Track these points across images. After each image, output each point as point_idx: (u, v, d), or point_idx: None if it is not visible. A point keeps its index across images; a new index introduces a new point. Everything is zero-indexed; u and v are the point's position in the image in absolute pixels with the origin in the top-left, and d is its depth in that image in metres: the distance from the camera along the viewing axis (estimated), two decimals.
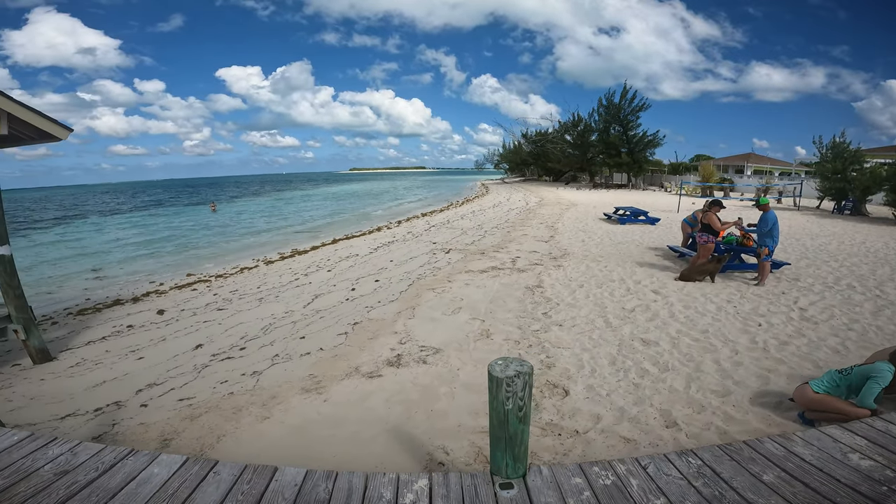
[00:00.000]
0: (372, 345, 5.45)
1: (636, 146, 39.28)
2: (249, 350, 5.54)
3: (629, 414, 3.78)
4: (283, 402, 4.13)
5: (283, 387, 4.44)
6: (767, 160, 45.65)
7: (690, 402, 3.93)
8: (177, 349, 5.72)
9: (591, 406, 3.92)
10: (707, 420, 3.66)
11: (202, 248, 16.89)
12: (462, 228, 16.07)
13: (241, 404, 4.15)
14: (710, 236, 7.85)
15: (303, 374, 4.72)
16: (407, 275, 9.11)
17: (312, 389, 4.35)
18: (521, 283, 7.94)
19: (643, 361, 4.73)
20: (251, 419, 3.88)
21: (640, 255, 9.91)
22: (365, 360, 5.01)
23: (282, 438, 3.63)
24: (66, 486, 2.10)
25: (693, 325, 5.69)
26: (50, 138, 5.37)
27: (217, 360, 5.27)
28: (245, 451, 3.43)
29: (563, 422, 3.72)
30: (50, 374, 5.11)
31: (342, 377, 4.61)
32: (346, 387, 4.39)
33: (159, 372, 5.03)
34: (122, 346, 5.96)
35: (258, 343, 5.77)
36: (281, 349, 5.49)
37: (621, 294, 7.04)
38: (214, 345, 5.80)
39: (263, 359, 5.22)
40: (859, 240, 11.88)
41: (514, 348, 5.18)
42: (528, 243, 12.00)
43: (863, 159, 19.27)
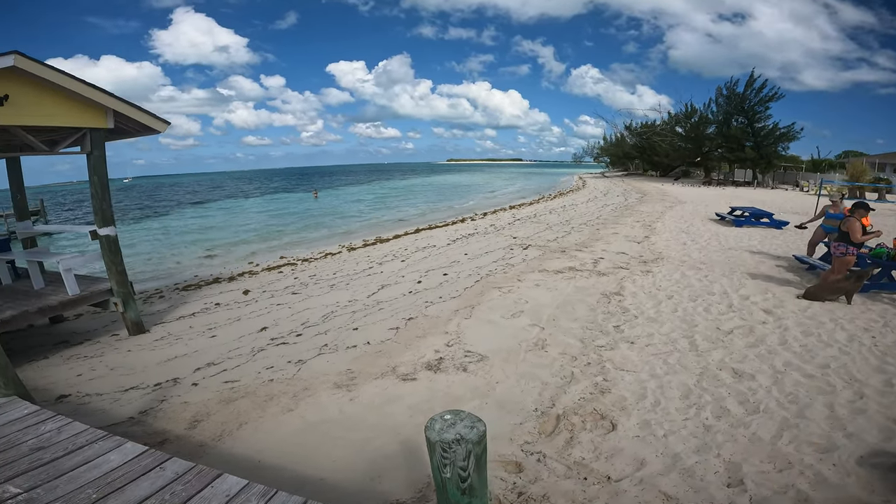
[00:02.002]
0: (418, 344, 5.21)
1: (764, 140, 34.34)
2: (305, 337, 5.58)
3: (684, 464, 3.03)
4: (313, 396, 4.05)
5: (318, 379, 4.38)
6: None
7: (774, 456, 3.05)
8: (245, 330, 5.94)
9: (638, 447, 3.23)
10: (787, 481, 2.81)
11: (299, 232, 18.13)
12: (548, 223, 15.21)
13: (274, 392, 4.14)
14: (850, 247, 6.35)
15: (341, 368, 4.61)
16: (477, 270, 8.74)
17: (344, 385, 4.24)
18: (598, 288, 7.11)
19: (726, 398, 3.83)
20: (277, 409, 3.85)
21: (754, 265, 8.37)
22: (406, 359, 4.77)
23: (294, 434, 3.53)
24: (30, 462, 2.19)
25: (811, 357, 4.53)
26: (150, 131, 5.93)
27: (274, 345, 5.38)
28: (257, 442, 3.40)
29: (595, 463, 3.09)
30: (137, 346, 5.48)
31: (377, 376, 4.42)
32: (376, 387, 4.21)
33: (221, 351, 5.20)
34: (203, 323, 6.28)
35: (315, 330, 5.80)
36: (332, 339, 5.45)
37: (720, 311, 5.91)
38: (277, 328, 5.95)
39: (313, 347, 5.21)
40: None
41: (569, 364, 4.55)
42: (617, 243, 10.87)
43: None
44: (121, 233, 6.28)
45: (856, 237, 6.29)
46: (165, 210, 31.33)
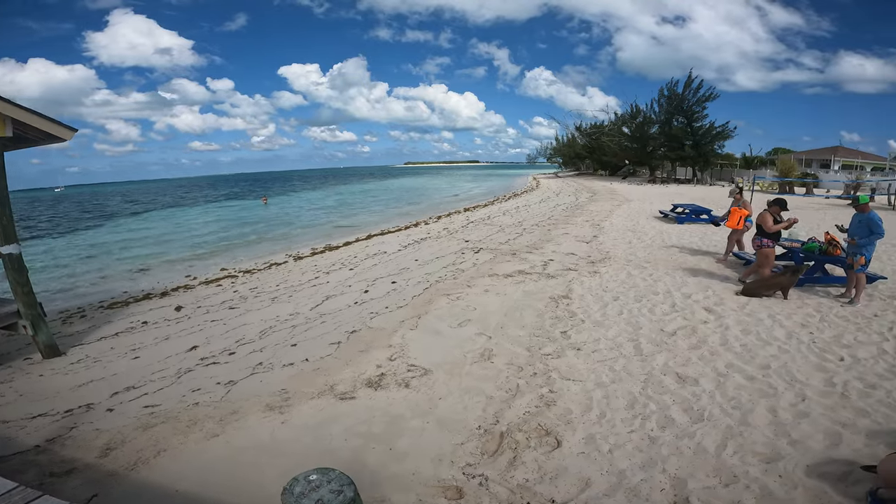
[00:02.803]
0: (360, 359, 4.88)
1: (702, 138, 36.13)
2: (238, 355, 5.18)
3: (629, 482, 2.86)
4: (242, 419, 3.75)
5: (249, 401, 4.06)
6: (858, 154, 40.41)
7: (719, 470, 2.92)
8: (172, 350, 5.52)
9: (583, 465, 3.04)
10: (734, 498, 2.68)
11: (244, 241, 17.17)
12: (500, 225, 15.13)
13: (199, 417, 3.82)
14: (765, 239, 6.72)
15: (275, 388, 4.28)
16: (427, 277, 8.44)
17: (277, 407, 3.92)
18: (546, 291, 6.97)
19: (671, 406, 3.70)
20: (200, 435, 3.55)
21: (696, 262, 8.53)
22: (346, 376, 4.45)
23: (218, 461, 3.25)
24: None
25: (751, 357, 4.51)
26: (55, 139, 5.50)
27: (203, 365, 4.99)
28: (176, 471, 3.16)
29: (539, 485, 2.87)
30: (50, 371, 5.05)
31: (313, 395, 4.11)
32: (312, 408, 3.91)
33: (144, 374, 4.81)
34: (127, 344, 5.85)
35: (250, 348, 5.39)
36: (268, 357, 5.09)
37: (664, 311, 5.88)
38: (209, 347, 5.53)
39: (246, 367, 4.84)
40: None
41: (515, 376, 4.34)
42: (567, 244, 10.88)
43: None
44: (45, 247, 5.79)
45: (768, 228, 6.64)
46: (99, 221, 29.00)
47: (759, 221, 6.79)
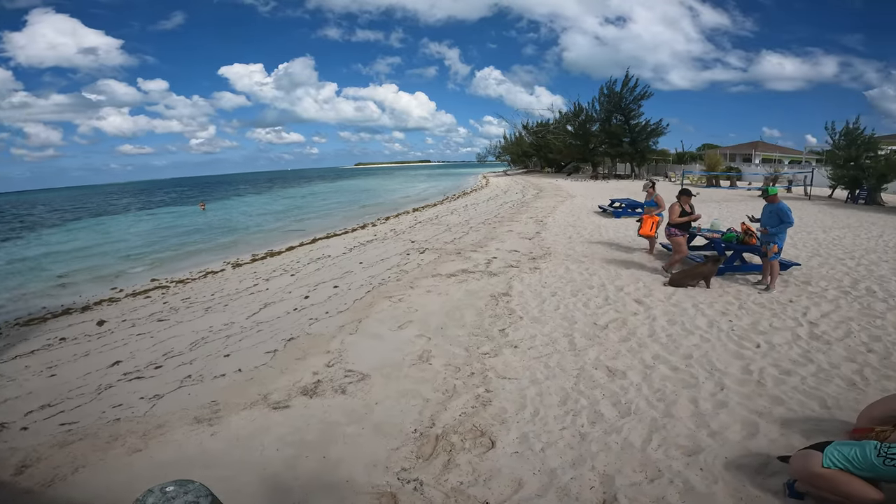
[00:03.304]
0: (296, 366, 4.74)
1: (638, 135, 37.96)
2: (166, 369, 4.99)
3: (560, 481, 2.86)
4: (168, 433, 3.65)
5: (176, 414, 3.94)
6: (776, 148, 44.05)
7: (645, 464, 2.97)
8: (93, 366, 5.24)
9: (516, 465, 3.03)
10: (658, 493, 2.71)
11: (178, 250, 16.14)
12: (448, 224, 15.12)
13: (121, 432, 3.70)
14: (673, 228, 7.13)
15: (205, 401, 4.13)
16: (370, 279, 8.26)
17: (206, 420, 3.80)
18: (487, 290, 6.98)
19: (601, 401, 3.76)
20: (122, 451, 3.46)
21: (630, 255, 8.86)
22: (280, 385, 4.32)
23: (140, 476, 3.08)
24: None
25: (675, 347, 4.68)
26: None
27: (126, 380, 4.79)
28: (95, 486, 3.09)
29: (473, 488, 2.84)
30: None
31: (245, 406, 3.97)
32: (244, 418, 3.79)
33: (61, 392, 4.59)
34: (43, 362, 5.52)
35: (178, 360, 5.17)
36: (198, 369, 4.90)
37: (597, 305, 6.03)
38: (133, 361, 5.27)
39: (173, 380, 4.65)
40: (876, 233, 10.72)
41: (452, 377, 4.30)
42: (511, 241, 11.00)
43: (877, 146, 17.95)
44: None
45: (672, 219, 7.08)
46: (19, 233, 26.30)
47: (669, 212, 7.19)
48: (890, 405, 2.85)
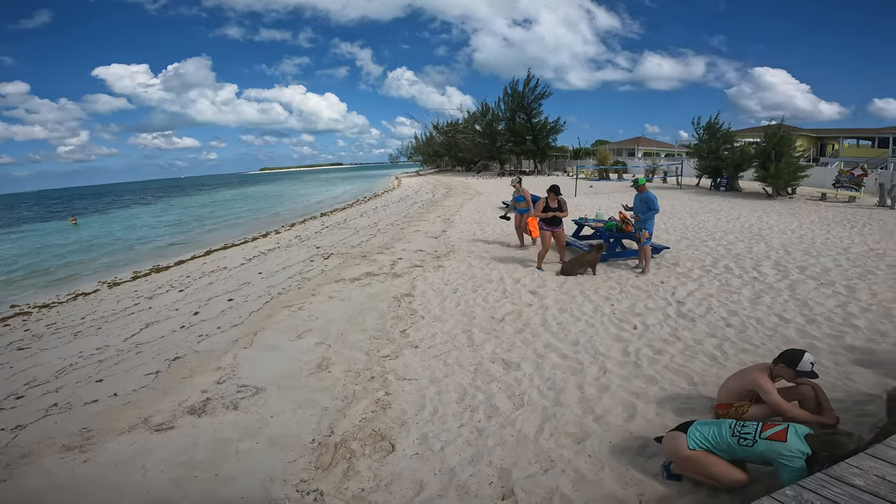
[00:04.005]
0: (183, 386, 4.45)
1: (539, 133, 40.16)
2: (28, 399, 4.61)
3: (459, 479, 2.88)
4: (34, 462, 3.41)
5: (42, 444, 3.66)
6: (655, 143, 49.18)
7: (539, 455, 3.06)
8: None
9: (416, 467, 3.01)
10: (552, 484, 2.79)
11: (43, 271, 13.97)
12: (356, 228, 14.74)
13: None
14: (542, 223, 7.36)
15: (75, 428, 3.85)
16: (269, 290, 7.80)
17: (77, 447, 3.55)
18: (391, 291, 6.89)
19: (496, 394, 3.85)
20: None
21: (529, 248, 9.25)
22: (164, 406, 4.07)
23: None
24: None
25: (564, 335, 4.94)
26: None
27: None
28: None
29: (374, 494, 2.80)
30: None
31: (123, 430, 3.72)
32: (121, 443, 3.56)
33: None
34: None
35: (43, 389, 4.78)
36: (66, 396, 4.51)
37: (496, 298, 6.20)
38: None
39: (38, 409, 4.30)
40: (734, 215, 12.32)
41: (352, 383, 4.21)
42: (418, 241, 10.99)
43: (734, 139, 20.66)
44: None
45: (537, 212, 7.35)
46: None
47: (535, 207, 7.41)
48: (742, 380, 3.13)
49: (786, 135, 17.18)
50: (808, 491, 2.00)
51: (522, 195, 9.00)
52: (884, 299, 5.59)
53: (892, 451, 2.23)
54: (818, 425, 2.82)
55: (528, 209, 8.84)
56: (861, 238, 9.29)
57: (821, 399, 3.05)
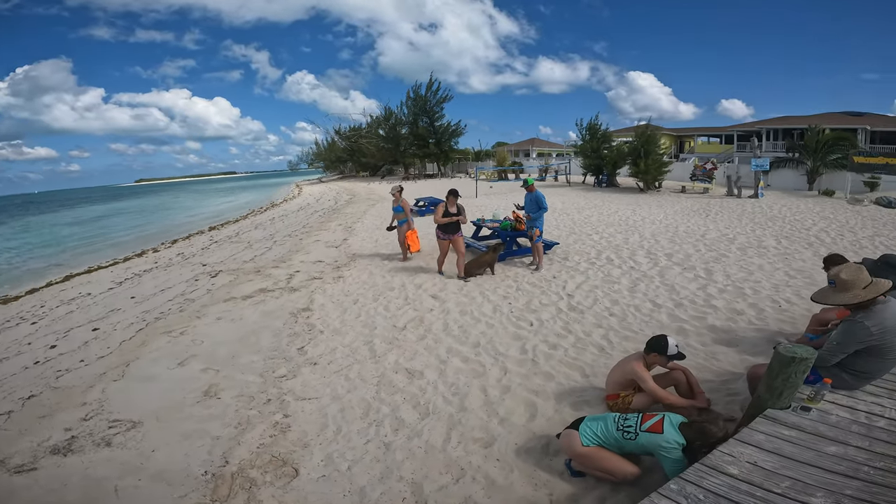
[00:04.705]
0: (41, 426, 3.96)
1: (442, 136, 40.92)
2: None
3: (370, 498, 2.77)
4: None
5: None
6: (547, 144, 52.84)
7: (449, 465, 3.03)
8: None
9: (324, 490, 2.86)
10: (465, 493, 2.78)
11: None
12: (249, 241, 13.68)
13: None
14: (439, 231, 7.10)
15: None
16: (144, 315, 6.92)
17: None
18: (287, 307, 6.47)
19: (401, 406, 3.77)
20: None
21: (429, 252, 9.24)
22: (22, 447, 3.64)
23: None
24: None
25: (466, 337, 4.99)
26: None
27: None
28: None
29: None
30: None
31: None
32: None
33: None
34: None
35: None
36: None
37: (397, 306, 6.10)
38: None
39: None
40: (613, 209, 13.57)
41: (245, 408, 3.91)
42: (318, 251, 10.49)
43: (611, 139, 22.83)
44: None
45: (436, 219, 7.06)
46: None
47: (435, 212, 7.10)
48: (622, 370, 3.33)
49: (652, 134, 19.40)
50: (689, 483, 2.06)
51: (401, 206, 8.42)
52: (736, 279, 6.48)
53: (759, 435, 2.39)
54: (694, 409, 3.07)
55: (406, 220, 8.44)
56: (714, 225, 10.75)
57: (692, 383, 3.33)
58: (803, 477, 2.07)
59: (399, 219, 8.54)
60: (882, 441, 2.32)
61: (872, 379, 2.83)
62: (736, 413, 3.16)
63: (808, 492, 1.98)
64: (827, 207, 13.70)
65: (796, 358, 2.41)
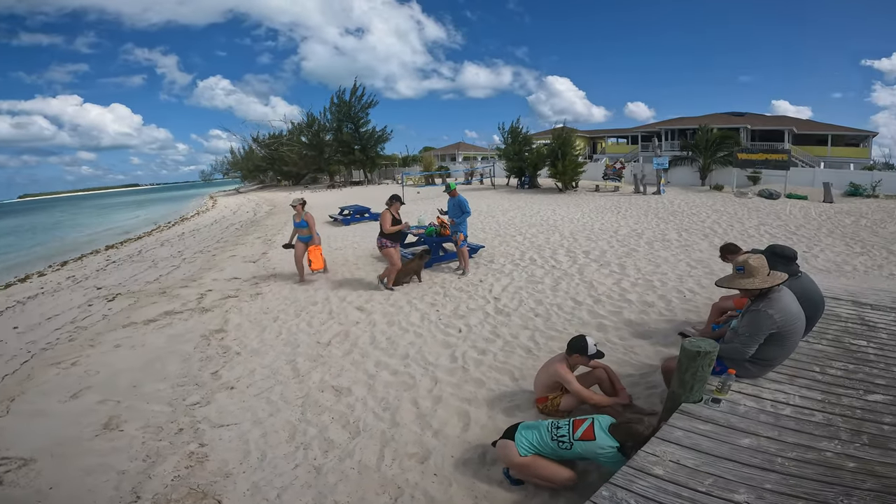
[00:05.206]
0: None
1: (367, 142, 40.25)
2: None
3: None
4: None
5: None
6: (473, 148, 54.03)
7: (385, 484, 2.89)
8: None
9: None
10: None
11: None
12: (154, 259, 12.45)
13: None
14: (384, 239, 6.60)
15: None
16: (28, 347, 6.11)
17: None
18: (197, 330, 5.95)
19: (330, 426, 3.58)
20: None
21: (355, 261, 9.00)
22: None
23: None
24: None
25: (394, 349, 4.86)
26: None
27: None
28: None
29: None
30: None
31: None
32: None
33: None
34: None
35: None
36: None
37: (321, 321, 5.81)
38: None
39: None
40: (535, 209, 14.11)
41: (154, 439, 3.57)
42: (233, 267, 9.78)
43: (531, 141, 23.82)
44: None
45: (386, 228, 6.51)
46: None
47: (381, 221, 6.57)
48: (548, 372, 3.35)
49: (568, 136, 20.52)
50: (620, 489, 2.04)
51: (305, 220, 7.64)
52: (646, 272, 6.94)
53: (678, 432, 2.42)
54: (618, 406, 3.17)
55: (310, 237, 7.65)
56: (625, 221, 11.53)
57: (613, 380, 3.44)
58: (724, 473, 2.11)
59: (301, 235, 7.66)
60: (790, 430, 2.41)
61: (773, 367, 2.94)
62: (657, 406, 3.28)
63: (731, 488, 2.01)
64: (718, 201, 15.27)
65: (701, 352, 2.50)
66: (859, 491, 1.97)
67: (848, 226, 10.88)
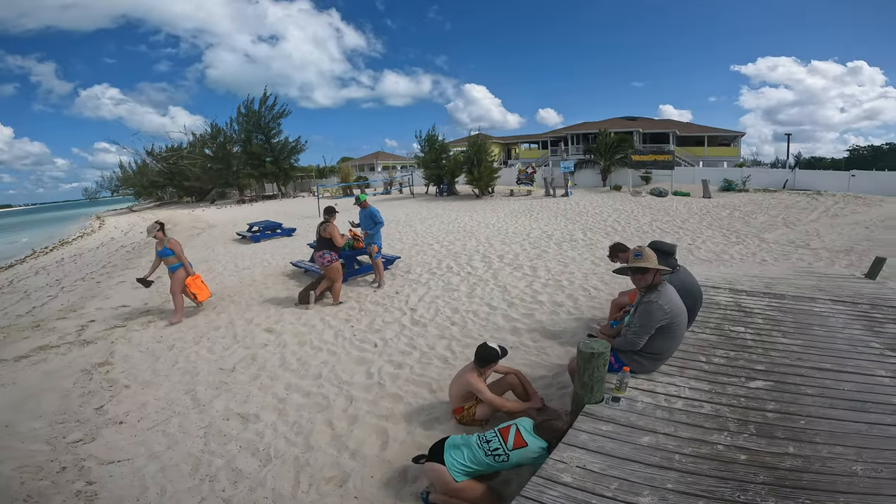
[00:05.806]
0: None
1: (280, 154, 38.42)
2: None
3: None
4: None
5: None
6: (392, 157, 53.90)
7: None
8: None
9: None
10: None
11: None
12: (26, 290, 10.81)
13: None
14: (333, 252, 6.25)
15: None
16: None
17: None
18: (78, 364, 5.29)
19: (238, 455, 3.33)
20: None
21: (263, 281, 8.42)
22: None
23: None
24: None
25: (306, 370, 4.62)
26: None
27: None
28: None
29: None
30: None
31: None
32: None
33: None
34: None
35: None
36: None
37: (224, 346, 5.38)
38: None
39: None
40: (453, 217, 14.33)
41: (34, 479, 3.21)
42: (122, 294, 8.75)
43: (448, 149, 24.25)
44: None
45: (338, 242, 6.26)
46: None
47: (330, 235, 6.20)
48: (461, 382, 3.33)
49: (483, 143, 21.19)
50: (532, 501, 2.02)
51: (169, 247, 6.39)
52: (555, 273, 7.29)
53: (583, 435, 2.45)
54: (532, 411, 3.22)
55: (180, 264, 6.41)
56: (537, 224, 12.10)
57: (525, 385, 3.49)
58: (627, 475, 2.13)
59: (170, 264, 6.40)
60: (684, 424, 2.49)
61: (664, 359, 3.11)
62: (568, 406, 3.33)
63: (635, 490, 2.03)
64: (617, 200, 16.60)
65: (595, 353, 2.60)
66: (753, 485, 2.03)
67: (724, 218, 12.37)
